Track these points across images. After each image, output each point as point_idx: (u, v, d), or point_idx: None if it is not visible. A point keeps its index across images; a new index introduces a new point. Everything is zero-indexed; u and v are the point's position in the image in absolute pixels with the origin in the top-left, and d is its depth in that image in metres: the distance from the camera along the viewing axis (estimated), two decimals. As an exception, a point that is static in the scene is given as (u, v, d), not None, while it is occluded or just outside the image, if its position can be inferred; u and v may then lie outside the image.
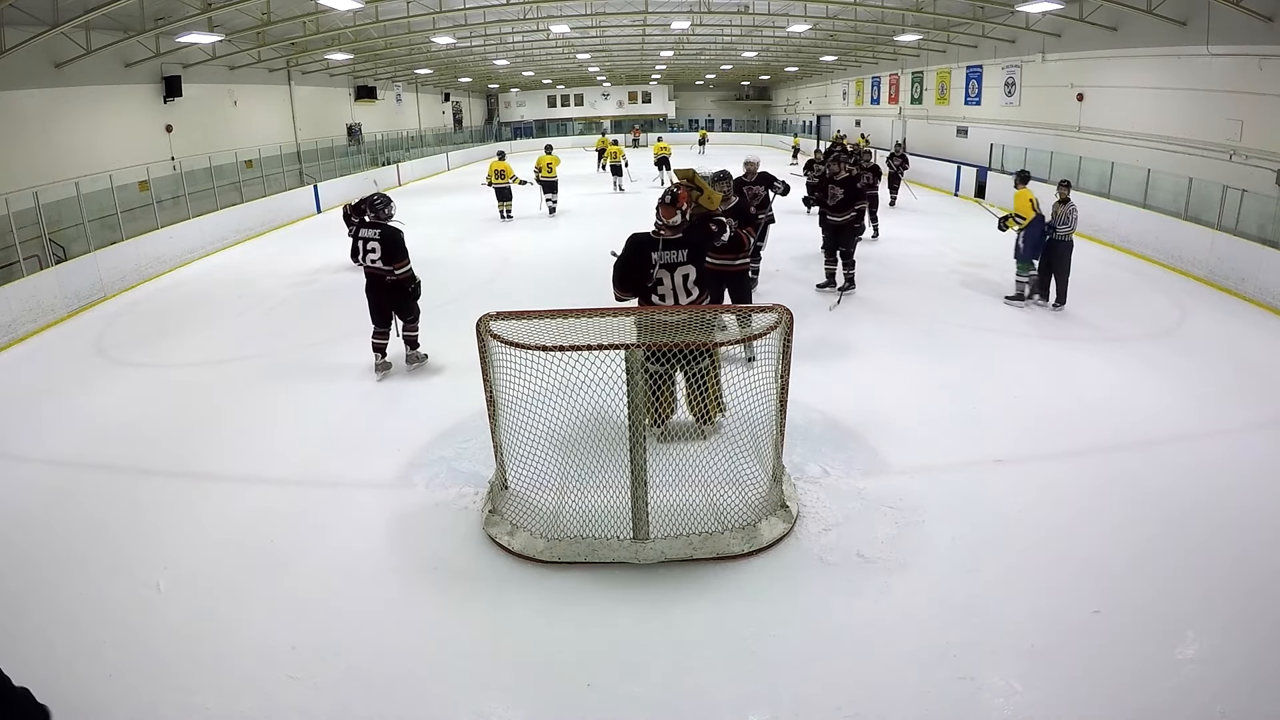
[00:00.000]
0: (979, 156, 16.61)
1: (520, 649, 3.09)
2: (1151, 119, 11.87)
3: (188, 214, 12.08)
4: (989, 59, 17.13)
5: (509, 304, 4.18)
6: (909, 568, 3.51)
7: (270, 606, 3.38)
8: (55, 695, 2.90)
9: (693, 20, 17.51)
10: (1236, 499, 4.04)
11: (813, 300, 7.91)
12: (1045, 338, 6.78)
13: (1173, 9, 10.67)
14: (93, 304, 9.08)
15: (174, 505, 4.31)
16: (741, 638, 3.09)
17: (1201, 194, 9.39)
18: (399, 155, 23.17)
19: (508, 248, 11.51)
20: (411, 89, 27.71)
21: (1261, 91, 9.60)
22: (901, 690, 2.81)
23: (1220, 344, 6.63)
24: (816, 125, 30.77)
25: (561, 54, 24.92)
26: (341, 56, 17.85)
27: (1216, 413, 5.16)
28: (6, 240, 8.38)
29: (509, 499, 3.95)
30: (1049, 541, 3.70)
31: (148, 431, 5.31)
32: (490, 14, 15.41)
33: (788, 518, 3.80)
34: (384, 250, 5.83)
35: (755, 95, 40.76)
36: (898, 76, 22.81)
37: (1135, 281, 8.93)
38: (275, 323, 8.06)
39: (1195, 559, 3.54)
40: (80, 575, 3.66)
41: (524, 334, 3.51)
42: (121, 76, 12.66)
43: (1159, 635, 3.04)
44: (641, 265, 4.26)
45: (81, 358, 7.13)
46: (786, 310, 3.65)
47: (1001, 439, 4.77)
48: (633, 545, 3.56)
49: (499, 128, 37.53)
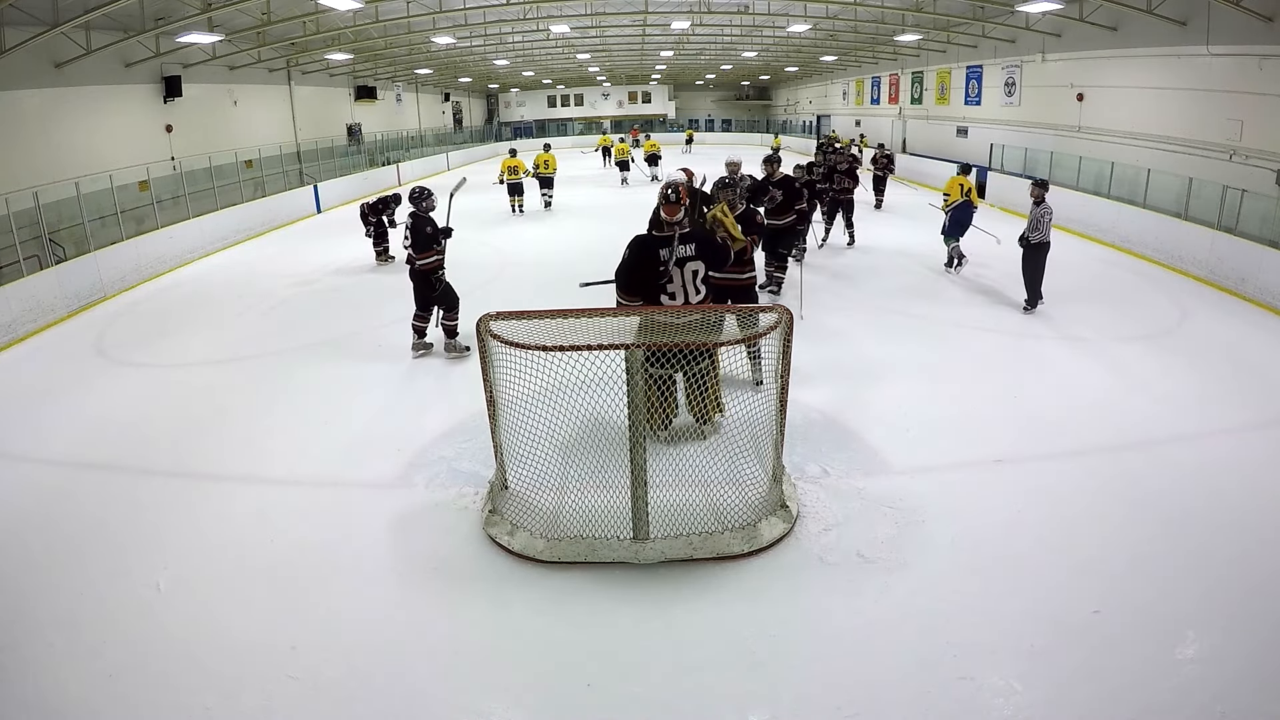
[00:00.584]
0: (979, 156, 16.60)
1: (520, 649, 3.09)
2: (1151, 119, 11.87)
3: (188, 214, 12.08)
4: (989, 59, 17.13)
5: (509, 304, 4.18)
6: (909, 568, 3.51)
7: (270, 606, 3.38)
8: (55, 695, 2.91)
9: (693, 20, 17.51)
10: (1236, 499, 4.04)
11: (812, 301, 7.90)
12: (1045, 338, 6.78)
13: (1173, 9, 10.67)
14: (93, 304, 9.08)
15: (174, 505, 4.31)
16: (741, 638, 3.09)
17: (1201, 194, 9.38)
18: (399, 155, 23.16)
19: (508, 248, 11.50)
20: (411, 89, 27.71)
21: (1261, 91, 9.60)
22: (901, 690, 2.81)
23: (1220, 344, 6.63)
24: (816, 125, 30.77)
25: (561, 54, 24.92)
26: (341, 56, 17.85)
27: (1216, 413, 5.16)
28: (6, 240, 8.38)
29: (509, 499, 3.95)
30: (1049, 541, 3.70)
31: (148, 431, 5.31)
32: (490, 14, 15.41)
33: (788, 518, 3.80)
34: (412, 239, 6.22)
35: (755, 95, 40.76)
36: (898, 76, 22.81)
37: (1135, 281, 8.93)
38: (275, 323, 8.06)
39: (1195, 559, 3.54)
40: (80, 575, 3.66)
41: (524, 334, 3.51)
42: (121, 76, 12.66)
43: (1159, 635, 3.04)
44: (650, 264, 4.26)
45: (81, 358, 7.13)
46: (786, 310, 3.65)
47: (1001, 439, 4.77)
48: (633, 545, 3.56)
49: (499, 128, 37.53)
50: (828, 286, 8.55)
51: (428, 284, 6.32)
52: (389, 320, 7.66)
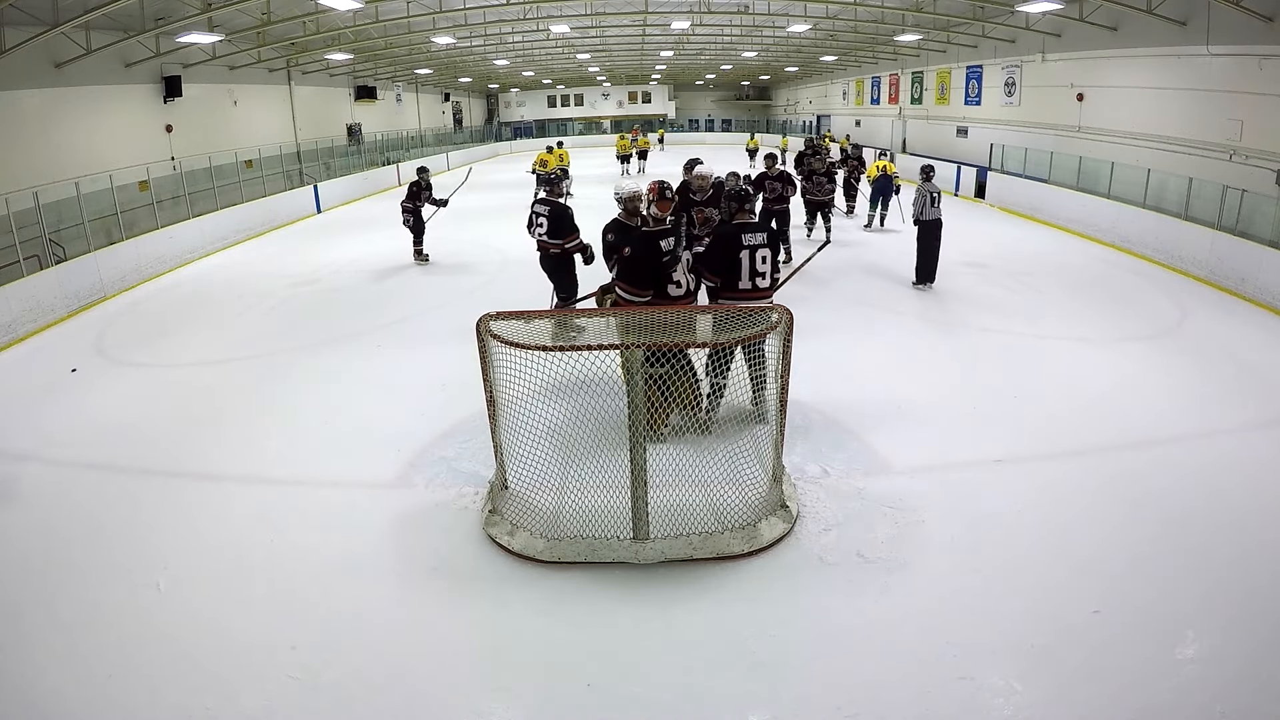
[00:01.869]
0: (979, 156, 16.61)
1: (520, 649, 3.09)
2: (1151, 119, 11.86)
3: (188, 214, 12.08)
4: (989, 59, 17.13)
5: (509, 304, 4.18)
6: (909, 568, 3.51)
7: (270, 606, 3.38)
8: (55, 694, 2.91)
9: (693, 20, 17.50)
10: (1237, 499, 4.04)
11: (813, 301, 7.90)
12: (1045, 337, 6.77)
13: (1173, 9, 10.66)
14: (93, 304, 9.08)
15: (174, 505, 4.31)
16: (741, 638, 3.09)
17: (1201, 194, 9.38)
18: (399, 155, 23.16)
19: (508, 248, 11.50)
20: (411, 89, 27.70)
21: (1261, 91, 9.60)
22: (901, 690, 2.81)
23: (1220, 344, 6.63)
24: (816, 125, 30.77)
25: (561, 54, 24.91)
26: (341, 56, 17.84)
27: (1216, 413, 5.16)
28: (6, 240, 8.38)
29: (509, 499, 3.95)
30: (1049, 541, 3.70)
31: (148, 431, 5.31)
32: (490, 14, 15.40)
33: (788, 518, 3.80)
34: (550, 225, 6.30)
35: (755, 95, 40.74)
36: (898, 76, 22.80)
37: (1135, 281, 8.93)
38: (275, 323, 8.06)
39: (1195, 559, 3.54)
40: (80, 575, 3.66)
41: (524, 334, 3.51)
42: (121, 76, 12.66)
43: (1159, 635, 3.05)
44: (656, 256, 4.55)
45: (81, 358, 7.13)
46: (786, 310, 3.65)
47: (1001, 439, 4.77)
48: (633, 545, 3.56)
49: (499, 128, 37.53)
50: (827, 286, 8.55)
51: (565, 266, 6.39)
52: (389, 320, 7.67)
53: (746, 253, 4.59)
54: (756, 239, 4.62)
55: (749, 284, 4.64)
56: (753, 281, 4.64)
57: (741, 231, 4.65)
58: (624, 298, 4.82)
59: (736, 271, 4.61)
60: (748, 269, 4.61)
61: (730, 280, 4.64)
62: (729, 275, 4.64)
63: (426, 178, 10.37)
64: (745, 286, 4.64)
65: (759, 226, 4.72)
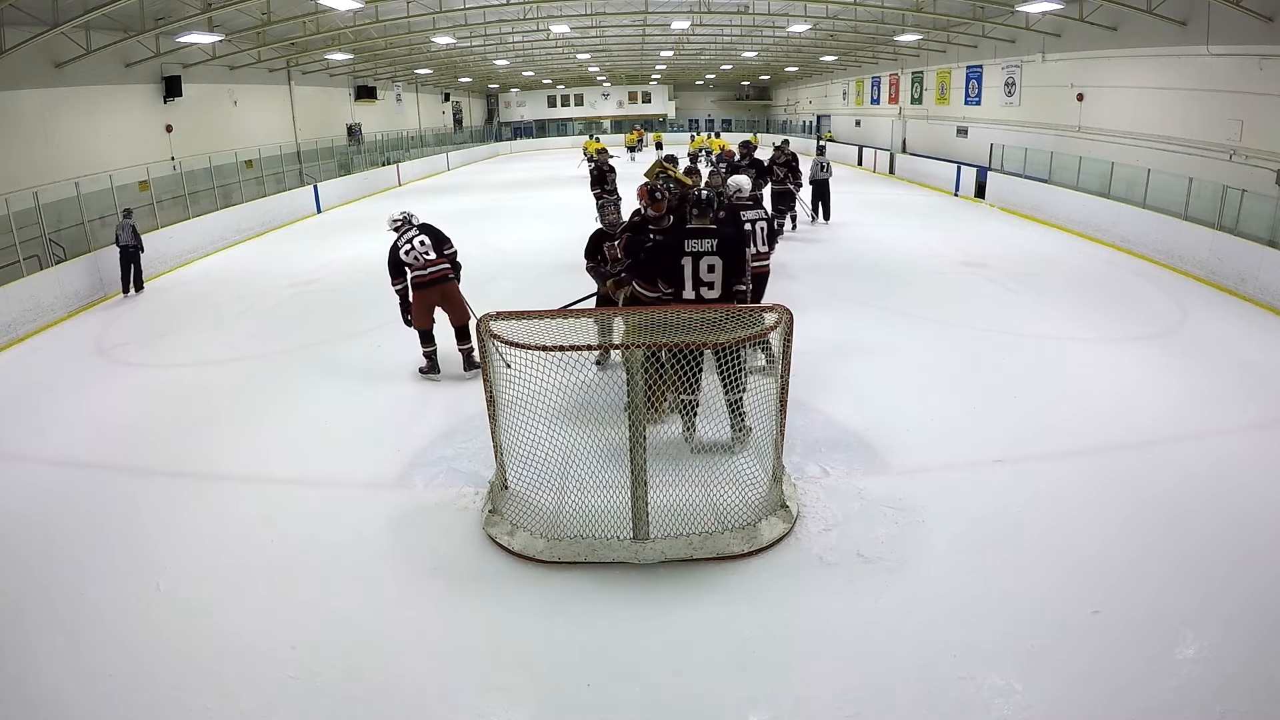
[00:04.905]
0: (979, 156, 16.60)
1: (520, 649, 3.09)
2: (1151, 119, 11.86)
3: (188, 214, 12.09)
4: (989, 59, 17.13)
5: (509, 304, 4.18)
6: (909, 568, 3.50)
7: (270, 606, 3.38)
8: (56, 694, 2.91)
9: (693, 20, 17.50)
10: (1237, 499, 4.04)
11: (812, 301, 7.90)
12: (1046, 337, 6.77)
13: (1173, 9, 10.66)
14: (93, 304, 9.08)
15: (174, 505, 4.31)
16: (741, 638, 3.09)
17: (1201, 194, 9.37)
18: (399, 155, 23.17)
19: (508, 248, 11.50)
20: (411, 89, 27.70)
21: (1261, 91, 9.59)
22: (901, 690, 2.81)
23: (1220, 344, 6.63)
24: (816, 125, 30.78)
25: (561, 54, 24.91)
26: (341, 56, 17.85)
27: (1217, 413, 5.15)
28: (6, 240, 8.38)
29: (509, 499, 3.95)
30: (1049, 541, 3.70)
31: (147, 431, 5.31)
32: (490, 14, 15.40)
33: (788, 518, 3.80)
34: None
35: (755, 95, 40.73)
36: (898, 76, 22.80)
37: (1135, 281, 8.92)
38: (275, 323, 8.06)
39: (1196, 559, 3.54)
40: (80, 575, 3.66)
41: (524, 334, 3.51)
42: (121, 76, 12.66)
43: (1159, 635, 3.04)
44: (674, 254, 4.42)
45: (81, 358, 7.13)
46: (787, 310, 3.65)
47: (1001, 439, 4.77)
48: (633, 545, 3.56)
49: (499, 128, 37.54)
50: (827, 286, 8.55)
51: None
52: (389, 320, 7.64)
53: (689, 259, 4.32)
54: (702, 246, 4.31)
55: (693, 293, 4.36)
56: (697, 291, 4.36)
57: (685, 238, 4.38)
58: (641, 291, 4.83)
59: (680, 280, 4.36)
60: (690, 276, 4.34)
61: (678, 290, 4.41)
62: (677, 284, 4.40)
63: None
64: (689, 296, 4.36)
65: (709, 234, 4.38)
